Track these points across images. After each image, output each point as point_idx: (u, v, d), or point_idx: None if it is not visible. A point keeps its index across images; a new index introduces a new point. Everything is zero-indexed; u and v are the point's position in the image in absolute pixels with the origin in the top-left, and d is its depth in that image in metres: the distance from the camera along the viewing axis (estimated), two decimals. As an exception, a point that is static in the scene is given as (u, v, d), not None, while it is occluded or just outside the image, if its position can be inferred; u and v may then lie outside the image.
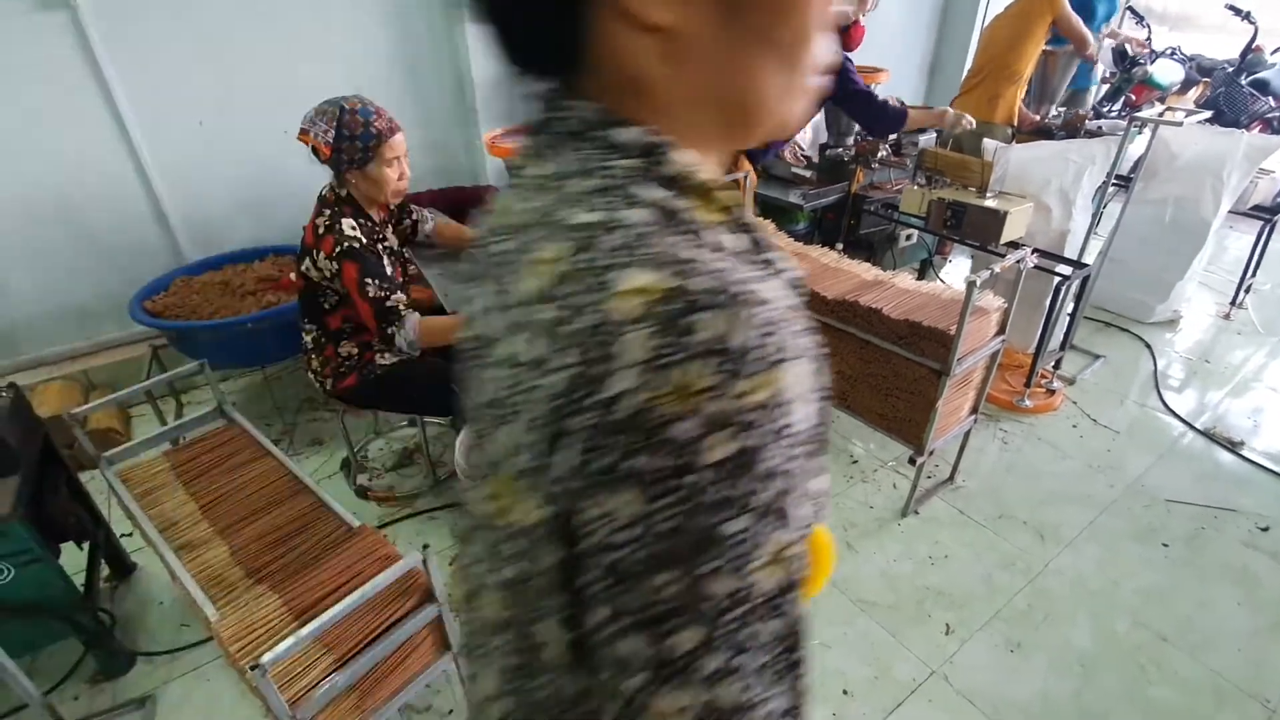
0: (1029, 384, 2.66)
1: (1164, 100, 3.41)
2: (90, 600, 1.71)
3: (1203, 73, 3.77)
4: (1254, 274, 3.42)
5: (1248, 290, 3.44)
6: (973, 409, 2.16)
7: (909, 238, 3.22)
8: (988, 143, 2.62)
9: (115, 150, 2.50)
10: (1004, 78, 3.17)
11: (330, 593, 1.35)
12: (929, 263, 3.48)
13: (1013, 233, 2.34)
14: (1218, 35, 4.77)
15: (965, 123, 2.83)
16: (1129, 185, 2.69)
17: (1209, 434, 2.58)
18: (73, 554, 1.78)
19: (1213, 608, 1.92)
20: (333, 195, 1.82)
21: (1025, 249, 1.99)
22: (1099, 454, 2.49)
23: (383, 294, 1.77)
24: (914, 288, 2.07)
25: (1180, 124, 2.47)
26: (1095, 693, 1.70)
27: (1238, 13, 3.48)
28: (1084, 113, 3.44)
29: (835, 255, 2.32)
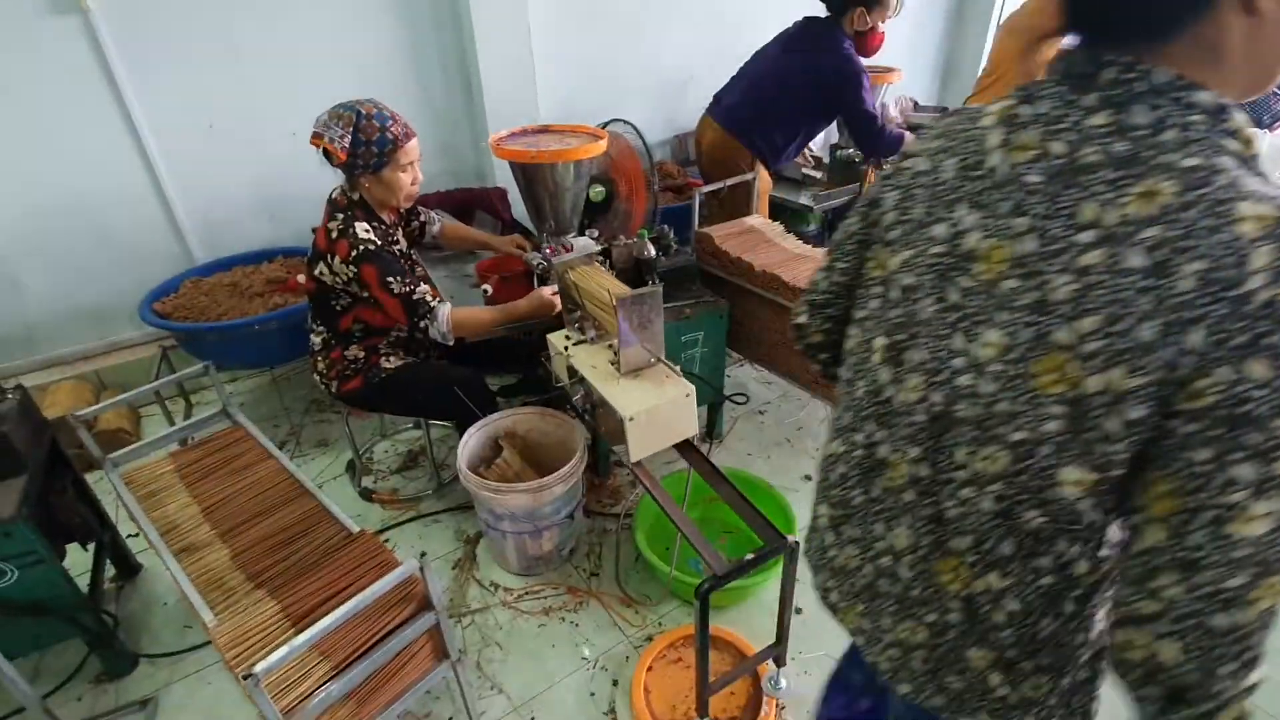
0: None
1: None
2: (94, 601, 1.72)
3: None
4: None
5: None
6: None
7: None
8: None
9: (127, 153, 2.52)
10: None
11: (328, 599, 1.34)
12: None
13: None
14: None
15: None
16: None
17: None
18: (79, 554, 1.80)
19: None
20: (344, 199, 1.81)
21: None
22: None
23: (408, 289, 1.77)
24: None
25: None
26: None
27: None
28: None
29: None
